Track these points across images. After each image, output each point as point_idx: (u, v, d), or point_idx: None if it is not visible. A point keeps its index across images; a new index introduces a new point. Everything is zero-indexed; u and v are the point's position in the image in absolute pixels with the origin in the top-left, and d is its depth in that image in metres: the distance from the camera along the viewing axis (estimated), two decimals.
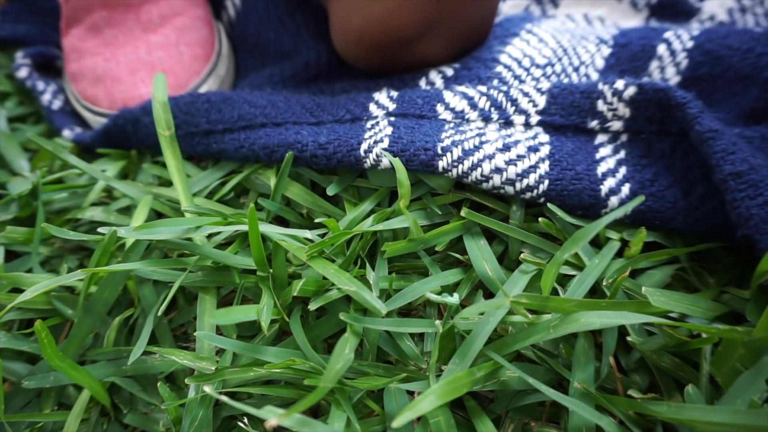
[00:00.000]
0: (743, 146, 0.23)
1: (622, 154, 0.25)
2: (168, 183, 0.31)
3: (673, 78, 0.29)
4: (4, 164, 0.33)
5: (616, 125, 0.26)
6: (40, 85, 0.37)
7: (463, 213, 0.25)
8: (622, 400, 0.20)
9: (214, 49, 0.37)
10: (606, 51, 0.30)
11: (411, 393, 0.22)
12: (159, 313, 0.22)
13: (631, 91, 0.25)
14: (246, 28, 0.38)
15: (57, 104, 0.36)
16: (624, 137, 0.26)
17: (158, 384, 0.22)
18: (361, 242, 0.24)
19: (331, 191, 0.27)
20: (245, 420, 0.22)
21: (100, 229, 0.24)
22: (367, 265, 0.24)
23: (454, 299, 0.21)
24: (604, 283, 0.22)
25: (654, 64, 0.29)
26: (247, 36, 0.38)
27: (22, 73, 0.37)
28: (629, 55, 0.30)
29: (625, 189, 0.24)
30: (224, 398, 0.16)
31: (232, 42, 0.40)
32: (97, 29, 0.36)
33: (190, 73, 0.35)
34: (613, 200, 0.24)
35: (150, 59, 0.35)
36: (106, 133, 0.33)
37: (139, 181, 0.31)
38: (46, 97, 0.36)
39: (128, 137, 0.32)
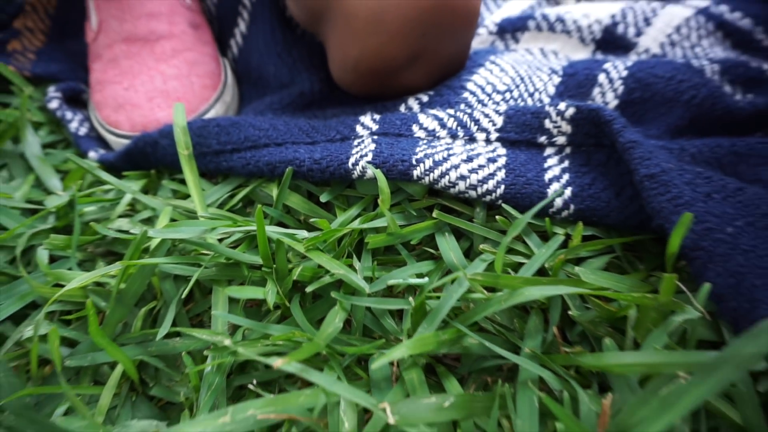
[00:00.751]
0: (659, 154, 0.28)
1: (565, 163, 0.31)
2: (184, 197, 0.36)
3: (612, 101, 0.34)
4: (39, 184, 0.38)
5: (561, 140, 0.31)
6: (69, 114, 0.42)
7: (434, 214, 0.30)
8: (559, 356, 0.24)
9: (221, 80, 0.43)
10: (556, 80, 0.36)
11: (391, 363, 0.27)
12: (183, 296, 0.27)
13: (571, 111, 0.31)
14: (249, 63, 0.44)
15: (83, 131, 0.41)
16: (567, 149, 0.31)
17: (182, 354, 0.26)
18: (349, 239, 0.29)
19: (324, 199, 0.32)
20: (254, 382, 0.26)
21: (132, 230, 0.29)
22: (354, 257, 0.29)
23: (425, 280, 0.26)
24: (547, 266, 0.27)
25: (596, 90, 0.35)
26: (250, 69, 0.44)
27: (53, 104, 0.42)
28: (576, 83, 0.35)
29: (568, 192, 0.29)
30: (241, 350, 0.21)
31: (236, 75, 0.45)
32: (116, 61, 0.41)
33: (200, 100, 0.41)
34: (557, 201, 0.29)
35: (165, 88, 0.40)
36: (128, 154, 0.38)
37: (159, 196, 0.36)
38: (73, 125, 0.41)
39: (147, 157, 0.37)
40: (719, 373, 0.19)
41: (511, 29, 0.42)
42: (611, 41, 0.39)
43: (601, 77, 0.35)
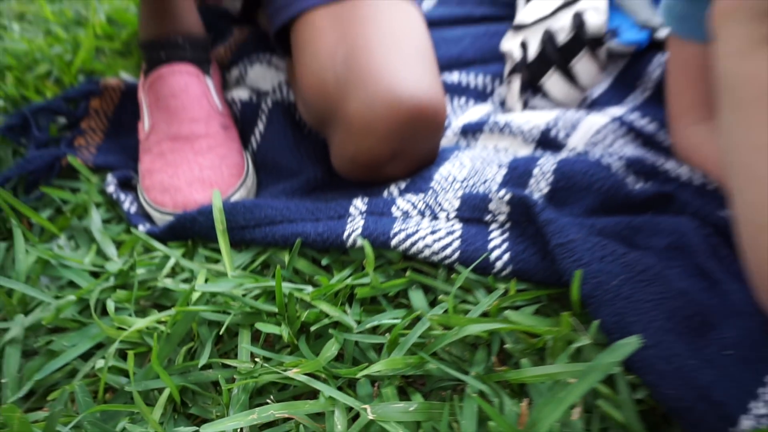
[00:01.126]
0: (570, 228, 0.38)
1: (505, 235, 0.41)
2: (215, 261, 0.46)
3: (544, 189, 0.45)
4: (99, 251, 0.48)
5: (501, 218, 0.42)
6: (122, 196, 0.53)
7: (407, 274, 0.40)
8: (494, 375, 0.33)
9: (244, 170, 0.54)
10: (503, 171, 0.47)
11: (373, 383, 0.36)
12: (221, 332, 0.36)
13: (508, 197, 0.42)
14: (266, 156, 0.56)
15: (133, 209, 0.52)
16: (507, 225, 0.42)
17: (219, 377, 0.35)
18: (343, 291, 0.39)
19: (324, 262, 0.42)
20: (271, 398, 0.35)
21: (175, 287, 0.39)
22: (347, 305, 0.39)
23: (396, 321, 0.36)
24: (488, 310, 0.37)
25: (532, 180, 0.46)
26: (266, 161, 0.55)
27: (110, 189, 0.53)
28: (518, 174, 0.46)
29: (506, 256, 0.40)
30: (261, 370, 0.30)
31: (256, 165, 0.57)
32: (163, 155, 0.53)
33: (228, 186, 0.52)
34: (498, 263, 0.39)
35: (201, 176, 0.51)
36: (171, 228, 0.48)
37: (195, 260, 0.46)
38: (126, 205, 0.52)
39: (186, 230, 0.48)
40: (591, 376, 0.29)
41: (471, 131, 0.54)
42: (547, 141, 0.51)
43: (536, 171, 0.46)
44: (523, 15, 0.58)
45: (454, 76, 0.61)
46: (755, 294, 0.34)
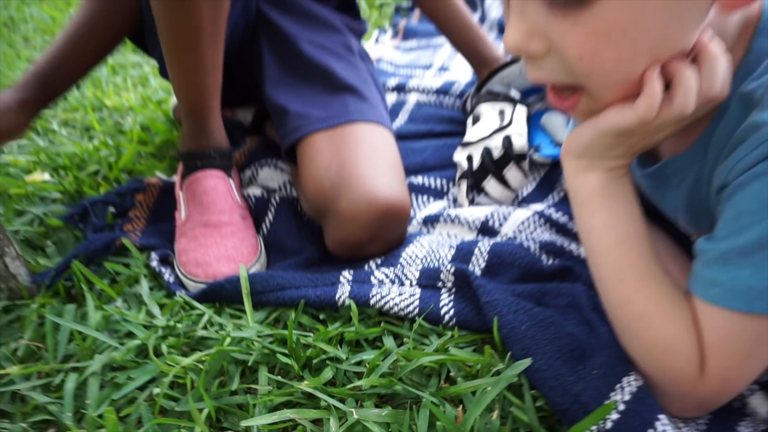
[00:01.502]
0: (495, 291, 0.55)
1: (451, 296, 0.58)
2: (238, 317, 0.61)
3: (482, 264, 0.62)
4: (148, 311, 0.63)
5: (449, 284, 0.59)
6: (163, 270, 0.68)
7: (382, 324, 0.56)
8: (441, 391, 0.49)
9: (258, 249, 0.70)
10: (452, 251, 0.64)
11: (357, 400, 0.50)
12: (246, 367, 0.51)
13: (453, 269, 0.59)
14: (275, 239, 0.72)
15: (171, 279, 0.68)
16: (453, 289, 0.59)
17: (248, 397, 0.50)
18: (336, 336, 0.55)
19: (322, 317, 0.58)
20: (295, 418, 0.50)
21: (214, 334, 0.54)
22: (338, 345, 0.54)
23: (373, 356, 0.51)
24: (438, 348, 0.53)
25: (473, 258, 0.63)
26: (275, 243, 0.72)
27: (153, 264, 0.69)
28: (463, 254, 0.64)
29: (451, 311, 0.56)
30: (277, 392, 0.45)
31: (266, 245, 0.73)
32: (196, 239, 0.69)
33: (247, 261, 0.68)
34: (446, 316, 0.56)
35: (227, 254, 0.67)
36: (204, 293, 0.63)
37: (222, 317, 0.61)
38: (166, 276, 0.68)
39: (215, 295, 0.63)
40: (499, 384, 0.45)
41: (431, 221, 0.72)
42: (486, 229, 0.69)
43: (476, 251, 0.63)
44: (469, 135, 0.78)
45: (418, 179, 0.80)
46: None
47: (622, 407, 0.44)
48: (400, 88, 1.02)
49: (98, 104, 1.10)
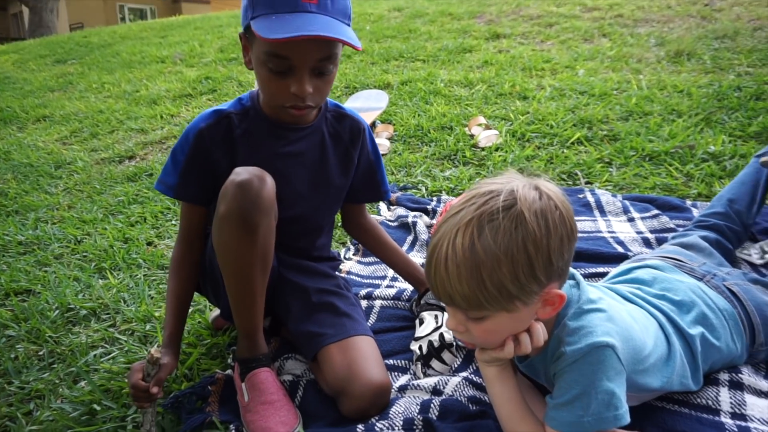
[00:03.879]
0: (448, 429, 1.01)
1: None
2: None
3: (436, 413, 1.08)
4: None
5: (420, 427, 1.04)
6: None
7: None
8: None
9: (299, 416, 1.12)
10: (418, 407, 1.10)
11: None
12: None
13: (422, 418, 1.04)
14: (306, 408, 1.15)
15: None
16: (423, 430, 1.04)
17: None
18: None
19: None
20: None
21: None
22: None
23: None
24: None
25: (431, 409, 1.09)
26: (306, 411, 1.15)
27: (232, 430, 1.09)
28: (424, 407, 1.10)
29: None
30: None
31: (301, 412, 1.15)
32: (258, 412, 1.11)
33: (294, 424, 1.09)
34: None
35: (281, 420, 1.08)
36: None
37: None
38: None
39: None
40: None
41: (402, 389, 1.18)
42: (436, 391, 1.16)
43: (431, 405, 1.10)
44: (418, 332, 1.29)
45: (390, 361, 1.28)
46: None
47: None
48: (369, 296, 1.53)
49: (148, 316, 1.53)
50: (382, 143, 2.66)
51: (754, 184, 1.43)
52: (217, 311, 1.46)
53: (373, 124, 2.94)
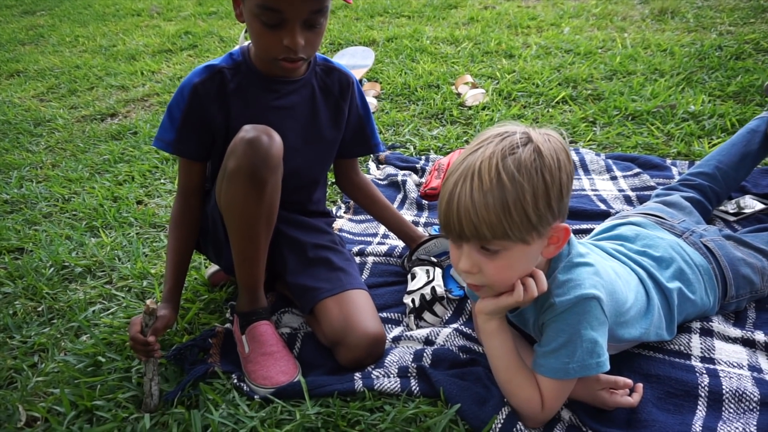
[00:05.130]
0: (440, 376, 1.07)
1: (417, 380, 1.09)
2: (297, 405, 1.08)
3: (428, 361, 1.15)
4: (240, 407, 1.08)
5: (414, 374, 1.10)
6: (242, 384, 1.14)
7: (382, 399, 1.06)
8: None
9: (297, 366, 1.18)
10: (411, 356, 1.16)
11: None
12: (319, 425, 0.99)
13: (415, 365, 1.11)
14: (305, 359, 1.21)
15: (246, 389, 1.13)
16: (417, 376, 1.10)
17: None
18: (368, 404, 1.03)
19: (348, 399, 1.07)
20: None
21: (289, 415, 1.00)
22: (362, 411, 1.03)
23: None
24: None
25: (423, 358, 1.15)
26: (305, 361, 1.20)
27: (234, 381, 1.14)
28: (417, 356, 1.16)
29: (417, 388, 1.07)
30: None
31: (300, 362, 1.21)
32: (259, 363, 1.16)
33: (293, 374, 1.15)
34: (415, 391, 1.07)
35: (281, 370, 1.14)
36: (277, 392, 1.10)
37: (288, 406, 1.08)
38: (244, 387, 1.13)
39: (286, 394, 1.09)
40: (445, 418, 0.96)
41: (395, 340, 1.24)
42: (428, 341, 1.22)
43: (424, 354, 1.16)
44: (410, 286, 1.34)
45: (384, 315, 1.33)
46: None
47: (501, 422, 0.97)
48: (361, 253, 1.58)
49: (144, 273, 1.55)
50: (370, 101, 2.65)
51: (744, 152, 1.47)
52: (214, 267, 1.49)
53: (360, 82, 2.92)
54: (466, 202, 0.84)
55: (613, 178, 1.87)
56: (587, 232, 1.53)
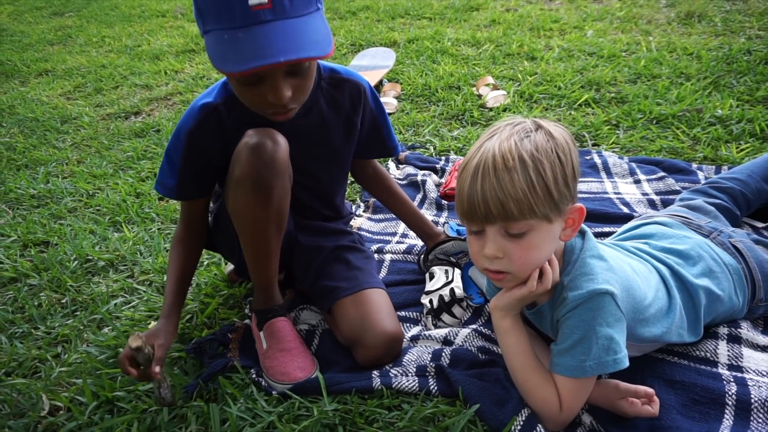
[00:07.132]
0: (459, 375, 1.06)
1: (435, 380, 1.08)
2: (315, 402, 1.07)
3: (447, 361, 1.14)
4: (258, 402, 1.08)
5: (432, 373, 1.10)
6: (259, 379, 1.14)
7: (400, 398, 1.05)
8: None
9: (315, 363, 1.18)
10: (429, 356, 1.16)
11: None
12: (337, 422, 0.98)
13: (434, 365, 1.10)
14: (322, 356, 1.21)
15: (264, 384, 1.13)
16: (435, 376, 1.09)
17: None
18: (386, 402, 1.03)
19: (367, 397, 1.06)
20: None
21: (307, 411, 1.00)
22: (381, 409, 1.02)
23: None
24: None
25: (442, 358, 1.14)
26: (322, 358, 1.20)
27: (253, 376, 1.14)
28: (436, 356, 1.15)
29: (436, 388, 1.06)
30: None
31: (319, 361, 1.21)
32: (277, 359, 1.16)
33: (311, 371, 1.15)
34: (434, 390, 1.06)
35: (299, 366, 1.14)
36: (295, 389, 1.10)
37: (306, 402, 1.07)
38: (262, 383, 1.13)
39: (303, 390, 1.09)
40: (464, 418, 0.95)
41: (414, 339, 1.23)
42: (446, 341, 1.21)
43: (443, 354, 1.15)
44: (428, 286, 1.33)
45: (402, 313, 1.33)
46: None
47: (521, 424, 0.95)
48: (380, 251, 1.57)
49: (165, 268, 1.57)
50: (390, 102, 2.65)
51: None
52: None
53: (381, 83, 2.92)
54: (491, 182, 0.85)
55: (637, 182, 1.84)
56: (608, 235, 1.50)
